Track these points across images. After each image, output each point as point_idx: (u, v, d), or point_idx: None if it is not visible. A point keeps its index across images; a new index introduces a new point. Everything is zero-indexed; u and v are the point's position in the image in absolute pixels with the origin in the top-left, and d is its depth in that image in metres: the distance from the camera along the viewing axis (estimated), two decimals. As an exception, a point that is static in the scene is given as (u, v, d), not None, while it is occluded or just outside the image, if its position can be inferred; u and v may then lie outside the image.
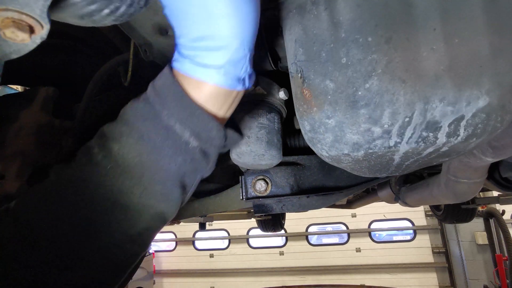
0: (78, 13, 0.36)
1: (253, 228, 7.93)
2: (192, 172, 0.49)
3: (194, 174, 0.50)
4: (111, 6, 0.37)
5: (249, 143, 0.68)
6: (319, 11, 0.49)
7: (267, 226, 4.82)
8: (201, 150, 0.48)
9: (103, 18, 0.38)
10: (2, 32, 0.31)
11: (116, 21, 0.40)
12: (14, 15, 0.31)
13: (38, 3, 0.31)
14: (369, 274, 7.40)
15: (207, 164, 0.50)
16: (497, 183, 1.32)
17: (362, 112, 0.46)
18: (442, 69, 0.42)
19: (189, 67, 0.44)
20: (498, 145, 0.79)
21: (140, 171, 0.45)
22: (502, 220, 4.38)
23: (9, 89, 2.32)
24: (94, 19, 0.38)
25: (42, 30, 0.33)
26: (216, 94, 0.46)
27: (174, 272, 8.45)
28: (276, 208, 0.92)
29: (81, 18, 0.37)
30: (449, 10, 0.42)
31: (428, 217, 7.27)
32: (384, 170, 0.57)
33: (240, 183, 0.90)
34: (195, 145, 0.47)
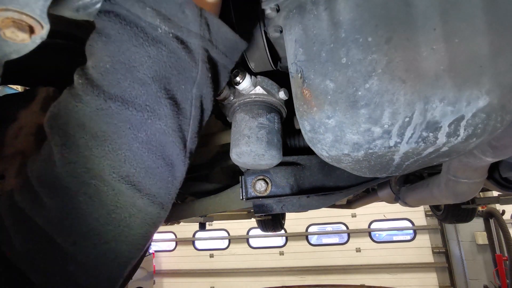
0: (74, 6, 0.36)
1: (253, 228, 7.93)
2: (176, 74, 0.40)
3: (184, 80, 0.41)
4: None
5: (249, 143, 0.68)
6: (319, 11, 0.48)
7: (267, 226, 4.82)
8: (176, 37, 0.39)
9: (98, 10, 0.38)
10: (2, 32, 0.31)
11: None
12: (14, 15, 0.31)
13: (38, 3, 0.31)
14: (369, 274, 7.40)
15: (193, 61, 0.41)
16: (497, 183, 1.32)
17: (362, 112, 0.46)
18: (442, 69, 0.42)
19: None
20: (498, 145, 0.79)
21: (116, 79, 0.38)
22: (502, 220, 4.38)
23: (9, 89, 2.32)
24: (90, 12, 0.38)
25: (42, 30, 0.33)
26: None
27: (174, 272, 8.45)
28: (276, 208, 0.92)
29: (76, 11, 0.37)
30: (449, 10, 0.42)
31: (428, 217, 7.27)
32: (384, 170, 0.57)
33: (240, 183, 0.90)
34: (165, 29, 0.38)
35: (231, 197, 1.14)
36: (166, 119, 0.40)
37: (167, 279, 8.50)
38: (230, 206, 1.17)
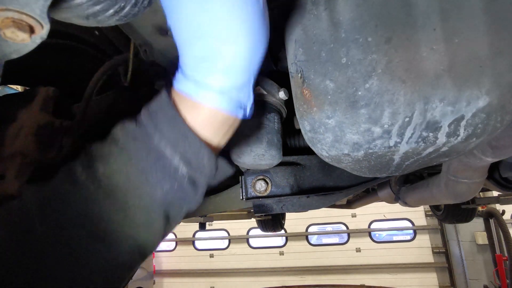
0: (83, 13, 0.36)
1: (253, 228, 7.92)
2: (178, 202, 0.46)
3: (180, 205, 0.47)
4: (115, 6, 0.37)
5: (249, 143, 0.68)
6: (319, 11, 0.48)
7: (267, 226, 4.82)
8: (190, 178, 0.45)
9: (108, 18, 0.38)
10: (2, 32, 0.31)
11: (120, 21, 0.40)
12: (14, 15, 0.31)
13: (38, 3, 0.31)
14: (369, 274, 7.40)
15: (195, 194, 0.47)
16: (497, 183, 1.32)
17: (362, 112, 0.46)
18: (442, 69, 0.42)
19: (191, 88, 0.42)
20: (498, 145, 0.79)
21: (124, 195, 0.42)
22: (502, 220, 4.38)
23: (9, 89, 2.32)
24: (99, 19, 0.38)
25: (42, 30, 0.33)
26: (214, 118, 0.43)
27: (174, 272, 8.45)
28: (276, 208, 0.92)
29: (86, 18, 0.37)
30: (449, 10, 0.42)
31: (428, 217, 7.27)
32: (384, 170, 0.57)
33: (240, 183, 0.90)
34: (184, 172, 0.44)
35: (231, 197, 1.14)
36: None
37: (167, 279, 8.50)
38: (230, 206, 1.17)
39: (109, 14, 0.37)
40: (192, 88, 0.42)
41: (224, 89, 0.41)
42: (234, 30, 0.38)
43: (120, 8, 0.37)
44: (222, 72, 0.40)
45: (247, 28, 0.39)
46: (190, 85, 0.42)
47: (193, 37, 0.39)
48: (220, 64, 0.40)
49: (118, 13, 0.38)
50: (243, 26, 0.38)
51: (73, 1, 0.34)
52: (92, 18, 0.37)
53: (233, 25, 0.38)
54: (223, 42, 0.39)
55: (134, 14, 0.40)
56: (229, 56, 0.39)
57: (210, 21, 0.38)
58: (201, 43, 0.39)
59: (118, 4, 0.37)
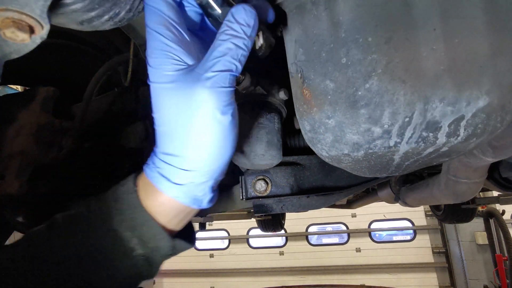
0: (78, 19, 0.36)
1: (253, 228, 7.93)
2: (133, 277, 0.49)
3: (136, 279, 0.50)
4: (110, 12, 0.37)
5: (249, 143, 0.68)
6: (319, 11, 0.48)
7: (267, 226, 4.82)
8: (145, 257, 0.48)
9: (103, 24, 0.38)
10: (2, 32, 0.31)
11: (115, 25, 0.40)
12: (14, 15, 0.31)
13: (38, 3, 0.31)
14: (369, 274, 7.40)
15: (150, 271, 0.51)
16: (497, 183, 1.32)
17: (362, 112, 0.46)
18: (442, 69, 0.42)
19: (155, 176, 0.46)
20: (498, 145, 0.79)
21: (77, 271, 0.45)
22: (502, 220, 4.38)
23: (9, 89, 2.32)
24: (94, 25, 0.38)
25: (42, 30, 0.33)
26: (172, 207, 0.47)
27: (174, 272, 8.45)
28: (276, 208, 0.92)
29: (81, 24, 0.37)
30: (449, 10, 0.42)
31: (428, 217, 7.27)
32: (384, 170, 0.57)
33: (240, 183, 0.90)
34: (140, 252, 0.48)
35: (231, 197, 1.14)
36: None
37: (167, 279, 8.50)
38: (230, 206, 1.17)
39: (104, 20, 0.37)
40: (157, 177, 0.46)
41: (184, 185, 0.46)
42: (204, 141, 0.43)
43: (115, 14, 0.38)
44: (184, 171, 0.44)
45: (216, 142, 0.44)
46: (156, 174, 0.46)
47: (166, 134, 0.44)
48: (184, 164, 0.44)
49: (113, 19, 0.38)
50: (213, 139, 0.43)
51: (68, 7, 0.34)
52: (87, 24, 0.37)
53: (204, 136, 0.43)
54: (192, 148, 0.44)
55: (129, 19, 0.40)
56: (194, 160, 0.44)
57: (183, 128, 0.43)
58: (172, 142, 0.44)
59: (113, 11, 0.37)
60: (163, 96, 0.43)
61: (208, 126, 0.43)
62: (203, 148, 0.44)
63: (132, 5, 0.38)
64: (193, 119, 0.42)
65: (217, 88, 0.42)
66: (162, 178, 0.46)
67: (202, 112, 0.42)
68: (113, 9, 0.37)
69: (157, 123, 0.45)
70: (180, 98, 0.42)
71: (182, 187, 0.45)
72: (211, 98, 0.42)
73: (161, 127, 0.45)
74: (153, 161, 0.47)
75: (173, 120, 0.43)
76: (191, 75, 0.42)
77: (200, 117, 0.42)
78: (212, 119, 0.42)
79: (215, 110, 0.42)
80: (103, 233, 0.47)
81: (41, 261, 0.45)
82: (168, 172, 0.45)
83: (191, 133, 0.43)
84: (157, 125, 0.45)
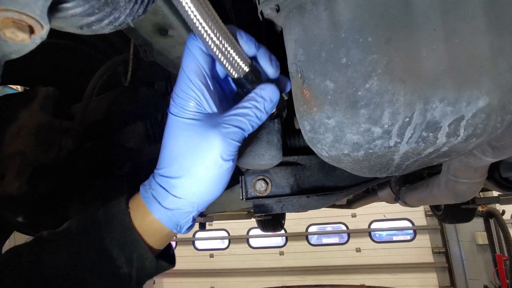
0: (78, 24, 0.36)
1: (253, 228, 7.93)
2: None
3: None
4: (110, 17, 0.37)
5: (249, 143, 0.68)
6: (319, 11, 0.48)
7: (267, 226, 4.82)
8: (130, 275, 0.51)
9: (102, 28, 0.38)
10: (2, 32, 0.31)
11: (114, 29, 0.40)
12: (14, 15, 0.31)
13: (38, 3, 0.31)
14: (369, 274, 7.40)
15: (135, 287, 0.54)
16: (497, 183, 1.32)
17: (362, 112, 0.46)
18: (442, 69, 0.42)
19: (148, 197, 0.51)
20: (498, 145, 0.79)
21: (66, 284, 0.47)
22: (502, 220, 4.38)
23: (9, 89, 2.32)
24: (93, 29, 0.38)
25: (42, 30, 0.33)
26: (157, 229, 0.52)
27: (174, 272, 8.44)
28: (276, 208, 0.92)
29: (80, 28, 0.37)
30: (449, 10, 0.42)
31: (428, 217, 7.27)
32: (384, 170, 0.57)
33: (240, 183, 0.90)
34: (126, 271, 0.51)
35: (231, 197, 1.14)
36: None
37: (167, 279, 8.50)
38: (230, 206, 1.17)
39: (103, 24, 0.37)
40: (149, 198, 0.51)
41: (171, 210, 0.50)
42: (201, 177, 0.48)
43: (115, 19, 0.37)
44: (175, 198, 0.49)
45: (211, 182, 0.49)
46: (149, 195, 0.51)
47: (169, 159, 0.49)
48: (177, 191, 0.49)
49: (113, 23, 0.38)
50: (209, 178, 0.48)
51: (68, 12, 0.34)
52: (86, 28, 0.37)
53: (203, 173, 0.48)
54: (188, 179, 0.48)
55: (128, 23, 0.40)
56: (186, 190, 0.48)
57: (186, 160, 0.48)
58: (172, 167, 0.49)
59: (113, 15, 0.37)
60: (178, 126, 0.48)
61: (209, 166, 0.48)
62: (197, 183, 0.48)
63: (132, 10, 0.38)
64: (199, 155, 0.47)
65: (228, 138, 0.48)
66: (154, 200, 0.50)
67: (209, 153, 0.47)
68: (113, 13, 0.36)
69: (164, 147, 0.50)
70: (193, 134, 0.47)
71: (168, 211, 0.50)
72: (221, 144, 0.47)
73: (167, 152, 0.49)
74: (150, 183, 0.52)
75: (180, 150, 0.48)
76: (210, 120, 0.48)
77: (206, 156, 0.47)
78: (214, 162, 0.47)
79: (220, 155, 0.47)
80: (93, 251, 0.50)
81: (27, 280, 0.46)
82: (160, 195, 0.50)
83: (192, 166, 0.47)
84: (163, 148, 0.50)
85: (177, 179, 0.48)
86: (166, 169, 0.49)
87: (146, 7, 0.40)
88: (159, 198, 0.50)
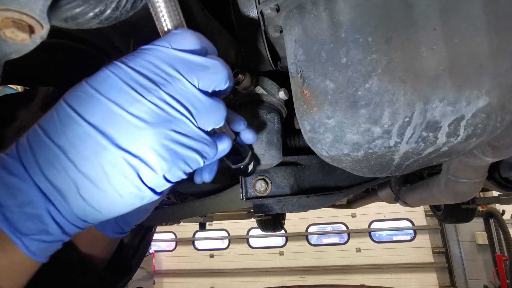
0: (62, 16, 0.36)
1: (253, 228, 7.92)
2: None
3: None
4: (95, 9, 0.36)
5: (249, 143, 0.68)
6: (319, 11, 0.48)
7: (267, 226, 4.82)
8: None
9: (88, 21, 0.38)
10: (2, 32, 0.31)
11: (101, 24, 0.39)
12: (14, 15, 0.31)
13: (38, 3, 0.31)
14: (369, 274, 7.40)
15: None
16: (497, 183, 1.32)
17: (362, 112, 0.46)
18: (442, 69, 0.42)
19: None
20: (498, 145, 0.79)
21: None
22: (502, 220, 4.38)
23: (9, 89, 2.32)
24: (79, 22, 0.37)
25: (42, 30, 0.33)
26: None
27: (174, 272, 8.45)
28: (276, 208, 0.92)
29: (65, 21, 0.37)
30: (449, 10, 0.42)
31: (428, 217, 7.27)
32: (384, 170, 0.57)
33: (240, 183, 0.90)
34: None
35: (231, 197, 1.14)
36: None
37: (167, 279, 8.50)
38: (230, 206, 1.17)
39: (89, 17, 0.37)
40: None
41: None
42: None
43: (100, 12, 0.37)
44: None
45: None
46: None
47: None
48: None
49: (99, 17, 0.37)
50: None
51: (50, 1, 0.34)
52: (71, 21, 0.37)
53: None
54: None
55: (116, 18, 0.39)
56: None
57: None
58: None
59: (98, 8, 0.36)
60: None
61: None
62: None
63: (118, 4, 0.38)
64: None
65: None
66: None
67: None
68: (98, 6, 0.36)
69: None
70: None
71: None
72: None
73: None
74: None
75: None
76: None
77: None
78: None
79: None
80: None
81: None
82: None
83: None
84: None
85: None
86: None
87: (134, 3, 0.40)
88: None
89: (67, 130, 0.33)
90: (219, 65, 0.39)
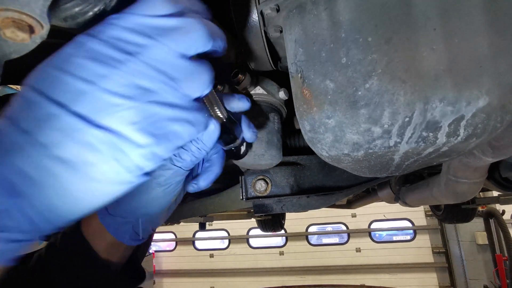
0: (61, 15, 0.36)
1: (253, 228, 7.92)
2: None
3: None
4: (94, 9, 0.36)
5: (249, 143, 0.68)
6: (319, 11, 0.48)
7: (267, 226, 4.82)
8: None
9: (87, 21, 0.38)
10: (2, 32, 0.31)
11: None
12: (14, 15, 0.31)
13: (38, 3, 0.31)
14: (369, 274, 7.40)
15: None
16: (497, 183, 1.32)
17: (362, 112, 0.46)
18: (442, 69, 0.42)
19: (107, 221, 0.54)
20: (498, 145, 0.79)
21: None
22: (502, 220, 4.38)
23: (9, 89, 2.32)
24: (78, 22, 0.37)
25: (42, 30, 0.33)
26: (101, 232, 0.55)
27: (174, 272, 8.45)
28: (276, 208, 0.92)
29: (64, 20, 0.37)
30: (449, 10, 0.42)
31: (428, 217, 7.27)
32: (384, 170, 0.57)
33: (240, 183, 0.90)
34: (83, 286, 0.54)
35: (231, 197, 1.14)
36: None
37: (167, 279, 8.50)
38: (230, 206, 1.17)
39: (88, 17, 0.37)
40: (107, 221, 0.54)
41: (113, 216, 0.54)
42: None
43: (100, 11, 0.37)
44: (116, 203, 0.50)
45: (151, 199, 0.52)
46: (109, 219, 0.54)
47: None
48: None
49: (98, 16, 0.37)
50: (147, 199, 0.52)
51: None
52: (71, 20, 0.37)
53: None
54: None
55: None
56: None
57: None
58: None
59: (98, 7, 0.36)
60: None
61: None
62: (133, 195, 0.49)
63: (118, 4, 0.38)
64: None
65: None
66: (107, 217, 0.53)
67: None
68: (97, 5, 0.36)
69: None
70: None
71: (112, 217, 0.53)
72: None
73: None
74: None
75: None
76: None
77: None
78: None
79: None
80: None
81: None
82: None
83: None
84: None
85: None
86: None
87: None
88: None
89: (33, 114, 0.30)
90: (195, 23, 0.35)
